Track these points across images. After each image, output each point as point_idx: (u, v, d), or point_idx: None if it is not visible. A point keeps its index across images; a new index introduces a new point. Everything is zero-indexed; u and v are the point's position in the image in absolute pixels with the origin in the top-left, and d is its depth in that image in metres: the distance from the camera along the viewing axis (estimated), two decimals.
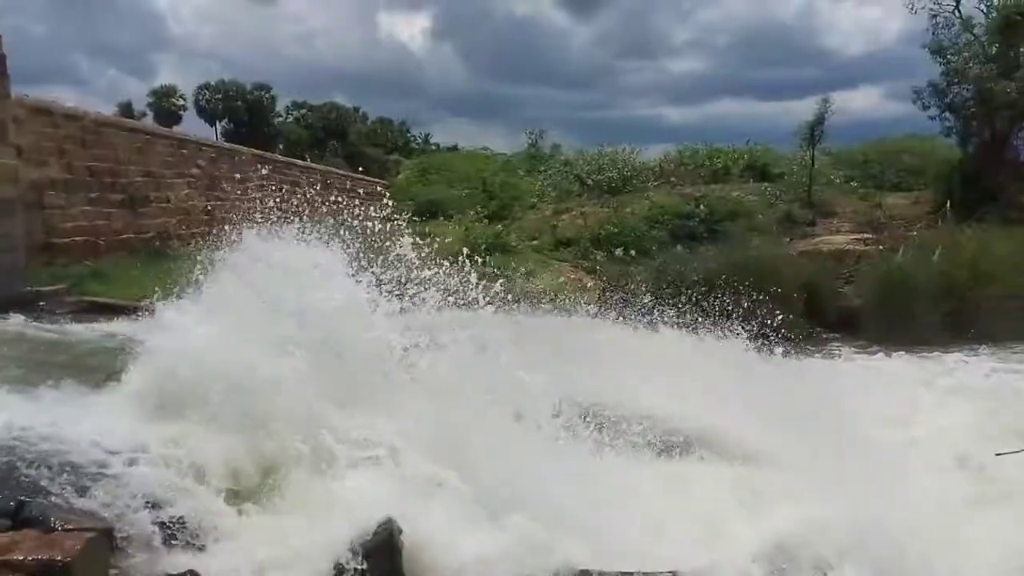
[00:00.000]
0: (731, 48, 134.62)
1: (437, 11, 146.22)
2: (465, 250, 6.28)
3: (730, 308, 11.02)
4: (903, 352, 12.70)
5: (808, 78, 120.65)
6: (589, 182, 24.00)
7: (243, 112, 55.49)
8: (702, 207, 19.52)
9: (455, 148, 49.94)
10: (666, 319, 10.11)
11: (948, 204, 18.34)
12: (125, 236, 15.79)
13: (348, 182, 28.32)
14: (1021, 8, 19.32)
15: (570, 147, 31.91)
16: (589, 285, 15.72)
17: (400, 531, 3.52)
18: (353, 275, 5.24)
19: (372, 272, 5.46)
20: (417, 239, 6.01)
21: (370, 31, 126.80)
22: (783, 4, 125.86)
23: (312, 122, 57.88)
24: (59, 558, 2.97)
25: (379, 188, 31.49)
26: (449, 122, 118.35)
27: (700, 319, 10.26)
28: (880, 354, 12.93)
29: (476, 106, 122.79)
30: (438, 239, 7.50)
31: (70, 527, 3.23)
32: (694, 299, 11.82)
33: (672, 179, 24.31)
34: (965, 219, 17.37)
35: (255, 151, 23.85)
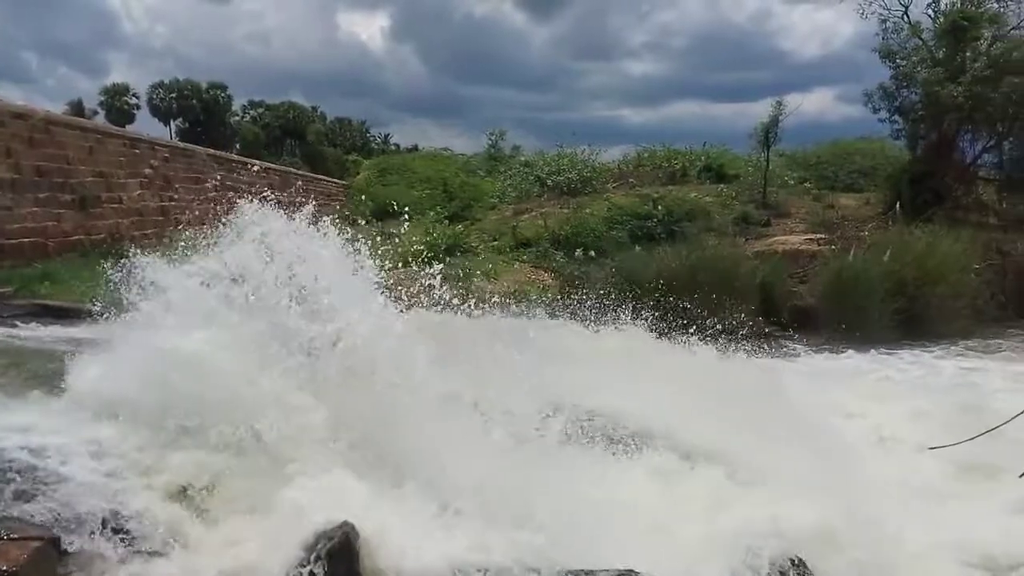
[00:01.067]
0: (688, 51, 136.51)
1: (396, 11, 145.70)
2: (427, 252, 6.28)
3: (687, 308, 11.18)
4: (855, 350, 13.00)
5: (763, 80, 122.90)
6: (549, 183, 24.09)
7: (198, 111, 54.65)
8: (660, 208, 19.70)
9: (415, 148, 49.79)
10: (625, 319, 10.20)
11: (898, 205, 18.79)
12: (76, 237, 15.44)
13: (306, 182, 28.01)
14: (967, 13, 19.90)
15: (530, 148, 32.03)
16: (549, 285, 15.78)
17: (357, 535, 3.50)
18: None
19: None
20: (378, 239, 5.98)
21: (328, 30, 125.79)
22: (738, 8, 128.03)
23: (269, 121, 57.22)
24: (4, 568, 2.91)
25: (338, 188, 31.23)
26: (409, 122, 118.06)
27: (658, 319, 10.38)
28: (833, 352, 13.22)
29: (436, 106, 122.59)
30: (398, 240, 7.50)
31: (15, 536, 3.16)
32: (652, 299, 11.98)
33: (631, 180, 24.53)
34: (914, 219, 17.82)
35: (210, 151, 23.47)
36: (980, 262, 16.35)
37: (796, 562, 4.24)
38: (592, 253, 17.36)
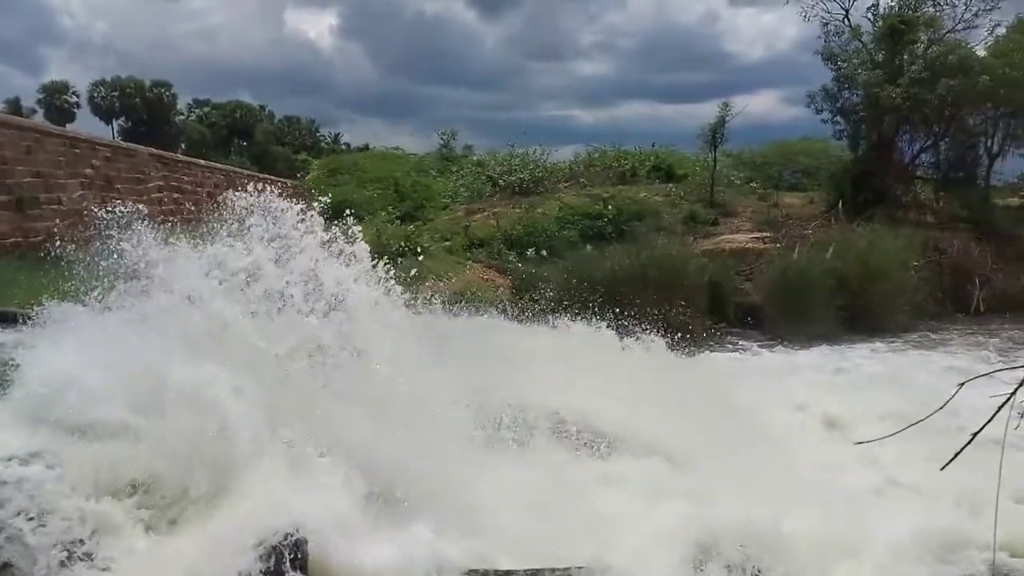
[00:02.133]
0: (637, 52, 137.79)
1: (345, 9, 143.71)
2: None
3: (637, 306, 11.31)
4: (800, 345, 13.31)
5: (711, 82, 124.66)
6: (501, 183, 24.12)
7: (141, 110, 53.41)
8: (611, 207, 19.88)
9: (366, 148, 49.27)
10: (576, 318, 10.27)
11: (840, 204, 19.29)
12: (13, 239, 14.94)
13: (254, 182, 27.52)
14: (904, 17, 20.53)
15: (482, 148, 31.95)
16: (501, 285, 15.81)
17: (306, 540, 3.47)
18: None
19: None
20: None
21: (275, 28, 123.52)
22: (685, 10, 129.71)
23: (216, 120, 56.20)
24: None
25: (287, 188, 30.75)
26: (359, 122, 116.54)
27: (609, 317, 10.47)
28: (778, 347, 13.52)
29: (387, 106, 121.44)
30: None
31: None
32: (603, 298, 12.08)
33: (582, 180, 24.69)
34: (856, 218, 18.33)
35: (154, 150, 22.90)
36: (919, 259, 16.90)
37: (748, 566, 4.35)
38: (544, 253, 17.46)
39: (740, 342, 14.41)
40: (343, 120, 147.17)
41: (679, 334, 9.99)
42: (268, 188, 5.59)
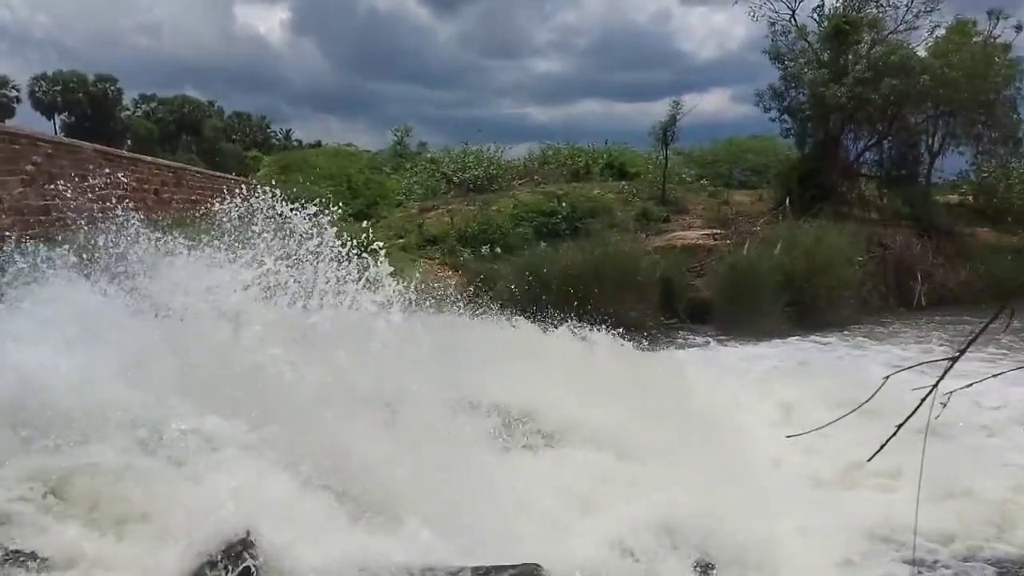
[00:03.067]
0: (591, 50, 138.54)
1: (296, 3, 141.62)
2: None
3: (591, 302, 11.41)
4: (749, 339, 13.58)
5: (663, 80, 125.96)
6: (456, 180, 24.07)
7: (85, 105, 52.00)
8: (564, 205, 19.99)
9: (318, 145, 48.69)
10: (530, 314, 10.33)
11: (787, 201, 19.69)
12: None
13: (202, 179, 27.00)
14: (848, 18, 21.04)
15: (437, 145, 31.81)
16: (456, 283, 15.80)
17: (254, 541, 3.43)
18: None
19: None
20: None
21: (224, 22, 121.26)
22: (638, 9, 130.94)
23: (163, 116, 55.04)
24: None
25: (237, 185, 30.16)
26: (311, 118, 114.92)
27: (562, 313, 10.54)
28: (728, 342, 13.77)
29: (339, 102, 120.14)
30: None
31: None
32: (557, 295, 12.17)
33: (536, 177, 24.79)
34: (803, 215, 18.74)
35: (99, 146, 22.29)
36: (863, 255, 17.39)
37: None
38: (499, 250, 17.49)
39: (691, 337, 14.64)
40: (295, 116, 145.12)
41: (632, 330, 10.12)
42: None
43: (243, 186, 6.47)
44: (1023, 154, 21.71)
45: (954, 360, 1.73)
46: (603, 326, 9.54)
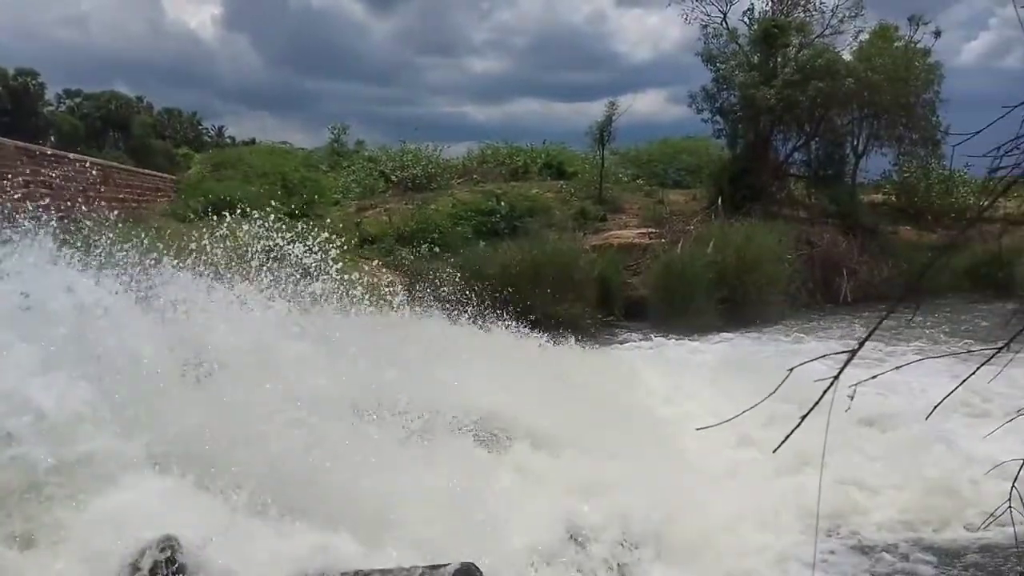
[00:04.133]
0: (529, 50, 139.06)
1: None
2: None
3: (530, 300, 11.51)
4: (683, 335, 13.88)
5: (600, 81, 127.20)
6: (394, 179, 23.89)
7: (5, 100, 49.77)
8: (503, 204, 20.06)
9: (253, 142, 47.69)
10: (468, 313, 10.36)
11: (720, 200, 20.13)
12: None
13: (130, 176, 26.18)
14: (777, 22, 21.64)
15: (374, 143, 31.48)
16: (395, 282, 15.71)
17: (181, 547, 3.37)
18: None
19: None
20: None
21: (153, 16, 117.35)
22: (574, 9, 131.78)
23: (89, 112, 53.11)
24: None
25: (167, 183, 29.38)
26: (245, 115, 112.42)
27: (501, 312, 10.61)
28: (662, 338, 14.05)
29: (274, 99, 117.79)
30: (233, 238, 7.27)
31: None
32: (497, 293, 12.22)
33: (475, 176, 24.78)
34: (734, 214, 19.20)
35: (19, 143, 21.44)
36: (792, 252, 17.92)
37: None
38: (437, 249, 17.45)
39: (628, 334, 14.90)
40: (228, 113, 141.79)
41: (570, 327, 10.27)
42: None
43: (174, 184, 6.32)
44: (942, 155, 22.67)
45: (853, 352, 1.84)
46: (542, 324, 9.65)
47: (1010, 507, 1.93)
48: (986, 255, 18.28)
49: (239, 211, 7.64)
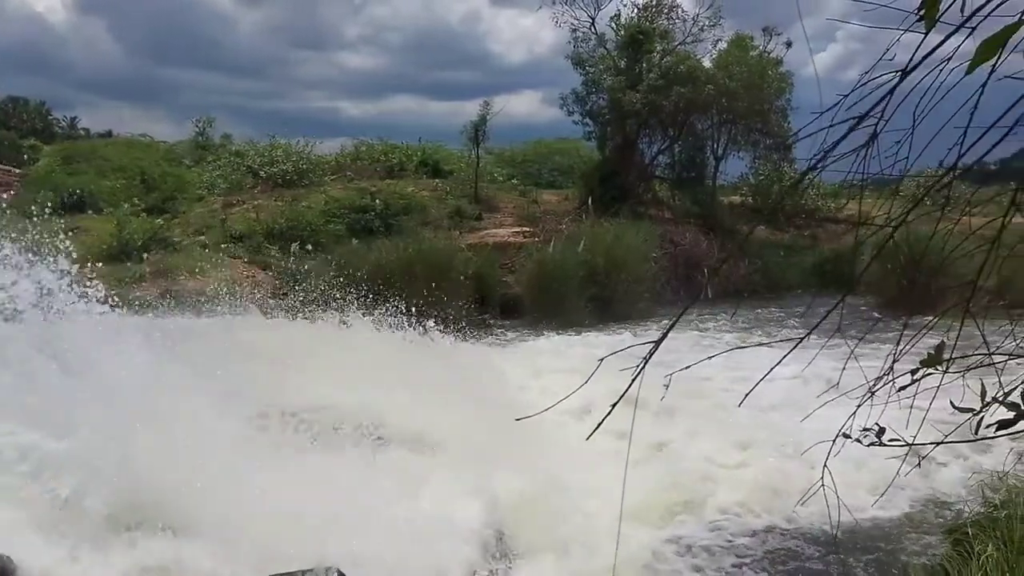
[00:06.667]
0: (404, 47, 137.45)
1: None
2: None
3: (405, 299, 11.44)
4: (555, 332, 14.24)
5: (475, 80, 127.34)
6: (263, 174, 23.12)
7: None
8: (378, 201, 19.86)
9: (109, 134, 44.79)
10: (342, 313, 10.22)
11: (590, 201, 20.73)
12: None
13: None
14: (642, 28, 22.46)
15: (242, 137, 30.32)
16: (263, 281, 15.26)
17: (15, 566, 3.17)
18: None
19: None
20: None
21: None
22: (450, 9, 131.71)
23: None
24: None
25: (10, 177, 27.25)
26: (101, 105, 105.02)
27: (376, 311, 10.52)
28: (535, 335, 14.36)
29: (133, 89, 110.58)
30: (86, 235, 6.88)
31: None
32: (371, 292, 12.10)
33: (349, 173, 24.34)
34: (604, 214, 19.83)
35: None
36: (657, 251, 18.71)
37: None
38: (309, 247, 17.08)
39: (503, 332, 15.13)
40: (81, 103, 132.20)
41: (445, 325, 10.31)
42: None
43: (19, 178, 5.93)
44: (793, 159, 24.21)
45: (657, 343, 1.97)
46: (417, 323, 9.64)
47: (823, 487, 2.12)
48: (831, 253, 19.81)
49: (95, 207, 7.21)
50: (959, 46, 1.62)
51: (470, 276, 15.65)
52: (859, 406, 2.03)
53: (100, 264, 7.92)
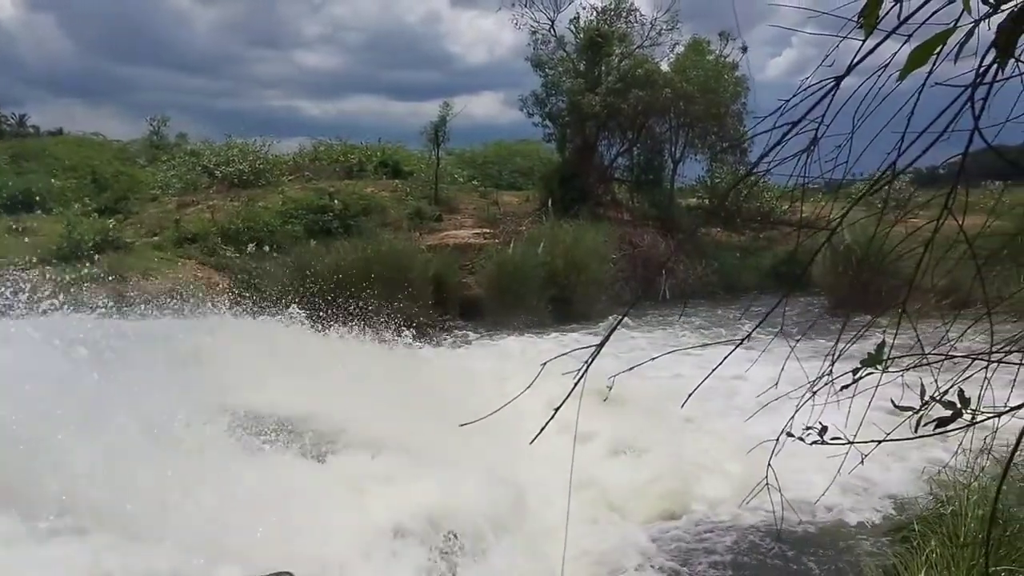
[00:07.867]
0: (364, 47, 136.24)
1: None
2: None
3: (364, 301, 11.38)
4: (514, 333, 14.27)
5: (436, 81, 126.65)
6: (218, 174, 22.75)
7: None
8: (337, 202, 19.68)
9: (60, 132, 43.76)
10: (300, 315, 10.11)
11: (550, 202, 20.82)
12: None
13: None
14: (601, 31, 22.62)
15: (197, 136, 29.85)
16: (219, 283, 15.03)
17: None
18: None
19: None
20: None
21: None
22: (410, 9, 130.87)
23: None
24: None
25: None
26: (51, 103, 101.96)
27: (335, 313, 10.44)
28: (495, 336, 14.38)
29: (85, 86, 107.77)
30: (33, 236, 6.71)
31: None
32: (330, 294, 12.01)
33: (307, 173, 24.07)
34: (564, 215, 19.92)
35: None
36: (616, 253, 18.86)
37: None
38: (266, 248, 16.86)
39: (463, 333, 15.11)
40: (30, 100, 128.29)
41: (405, 326, 10.25)
42: None
43: None
44: (748, 162, 24.58)
45: (599, 346, 1.99)
46: (378, 324, 9.58)
47: (767, 485, 2.16)
48: (785, 255, 20.13)
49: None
50: (895, 53, 1.66)
51: (430, 278, 15.59)
52: (799, 407, 2.07)
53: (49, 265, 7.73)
